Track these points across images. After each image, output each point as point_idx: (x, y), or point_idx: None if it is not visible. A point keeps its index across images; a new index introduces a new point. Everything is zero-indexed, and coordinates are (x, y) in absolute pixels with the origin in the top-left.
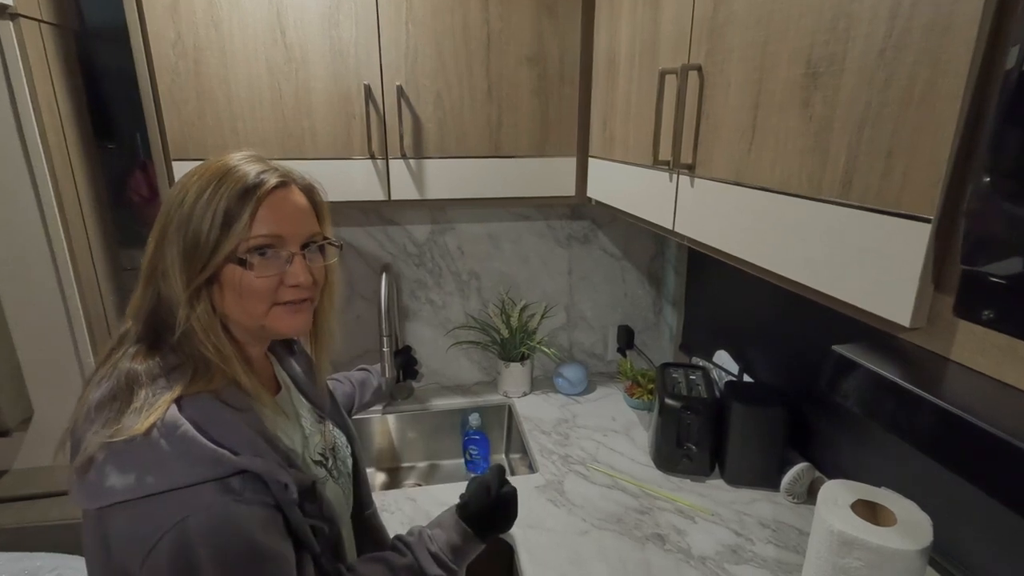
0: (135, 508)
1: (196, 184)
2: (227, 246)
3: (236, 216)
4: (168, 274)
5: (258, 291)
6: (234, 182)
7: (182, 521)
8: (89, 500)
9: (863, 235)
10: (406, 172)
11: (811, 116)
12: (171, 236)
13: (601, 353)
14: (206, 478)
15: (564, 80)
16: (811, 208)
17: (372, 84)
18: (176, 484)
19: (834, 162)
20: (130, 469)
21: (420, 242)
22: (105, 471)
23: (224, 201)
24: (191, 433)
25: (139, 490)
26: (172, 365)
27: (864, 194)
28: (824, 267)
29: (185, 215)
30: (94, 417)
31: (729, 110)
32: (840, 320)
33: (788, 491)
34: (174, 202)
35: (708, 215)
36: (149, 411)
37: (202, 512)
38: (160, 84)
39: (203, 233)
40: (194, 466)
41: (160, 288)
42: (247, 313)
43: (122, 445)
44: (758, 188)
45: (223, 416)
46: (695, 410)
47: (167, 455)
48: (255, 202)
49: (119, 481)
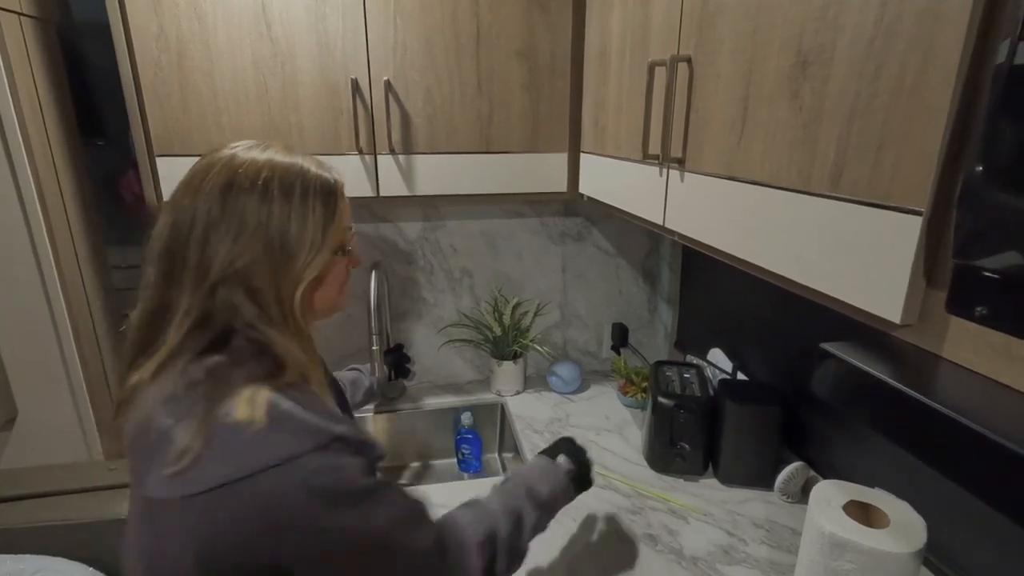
0: (244, 488)
1: (277, 186)
2: (332, 241)
3: (332, 215)
4: (253, 273)
5: (340, 277)
6: (319, 186)
7: (299, 488)
8: (190, 486)
9: (853, 229)
10: (395, 168)
11: (801, 107)
12: (257, 237)
13: (595, 351)
14: (310, 448)
15: (555, 74)
16: (801, 202)
17: (360, 78)
18: (284, 457)
19: (824, 154)
20: (235, 451)
21: (412, 239)
22: (207, 455)
23: (318, 202)
24: (294, 408)
25: (247, 469)
26: (253, 356)
27: (854, 186)
28: (814, 262)
29: (280, 218)
30: (176, 408)
31: (719, 102)
32: (835, 317)
33: (782, 490)
34: (252, 203)
35: (698, 210)
36: (247, 395)
37: (314, 475)
38: (143, 78)
39: (307, 235)
40: (299, 438)
41: (232, 288)
42: (331, 298)
43: (225, 428)
44: (748, 182)
45: (304, 398)
46: (688, 409)
47: (273, 431)
48: (338, 199)
49: (224, 463)
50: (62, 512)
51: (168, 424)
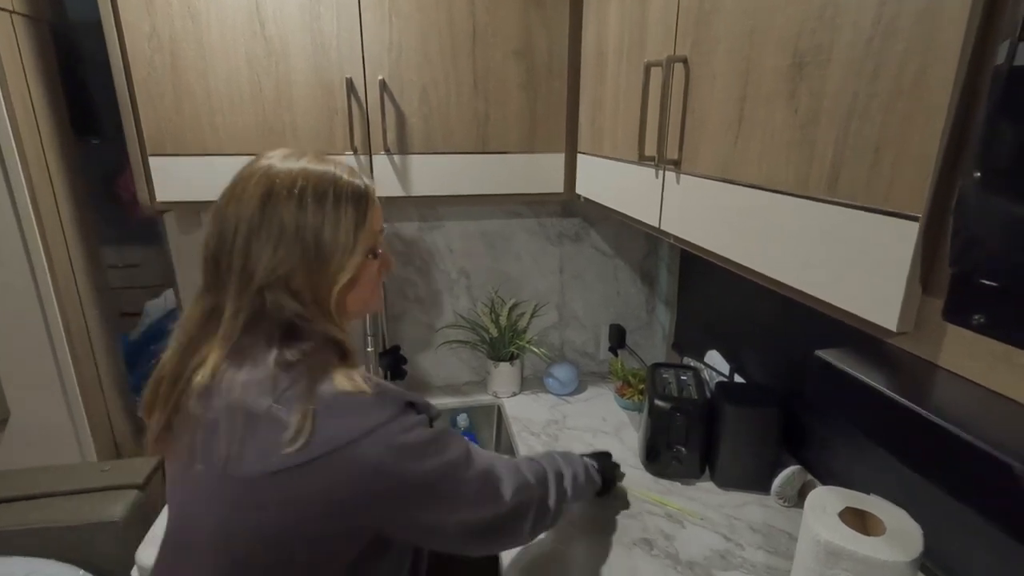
0: (346, 452)
1: (311, 194)
2: (364, 245)
3: (362, 219)
4: (293, 276)
5: (373, 278)
6: (350, 192)
7: (393, 446)
8: (298, 457)
9: (849, 234)
10: (390, 168)
11: (797, 108)
12: (295, 243)
13: (593, 352)
14: (395, 413)
15: (552, 74)
16: (797, 205)
17: (355, 78)
18: (384, 420)
19: (821, 157)
20: (343, 420)
21: (408, 240)
22: (317, 428)
23: (350, 207)
24: (384, 384)
25: (354, 433)
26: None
27: (851, 190)
28: (809, 268)
29: (315, 224)
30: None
31: (715, 103)
32: (832, 321)
33: (779, 494)
34: (289, 210)
35: (693, 212)
36: (343, 375)
37: (402, 434)
38: (136, 78)
39: (340, 239)
40: (389, 406)
41: (277, 291)
42: (364, 299)
43: (328, 403)
44: (744, 184)
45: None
46: (685, 411)
47: (370, 402)
48: (369, 204)
49: (335, 431)
50: (54, 514)
51: (266, 404)
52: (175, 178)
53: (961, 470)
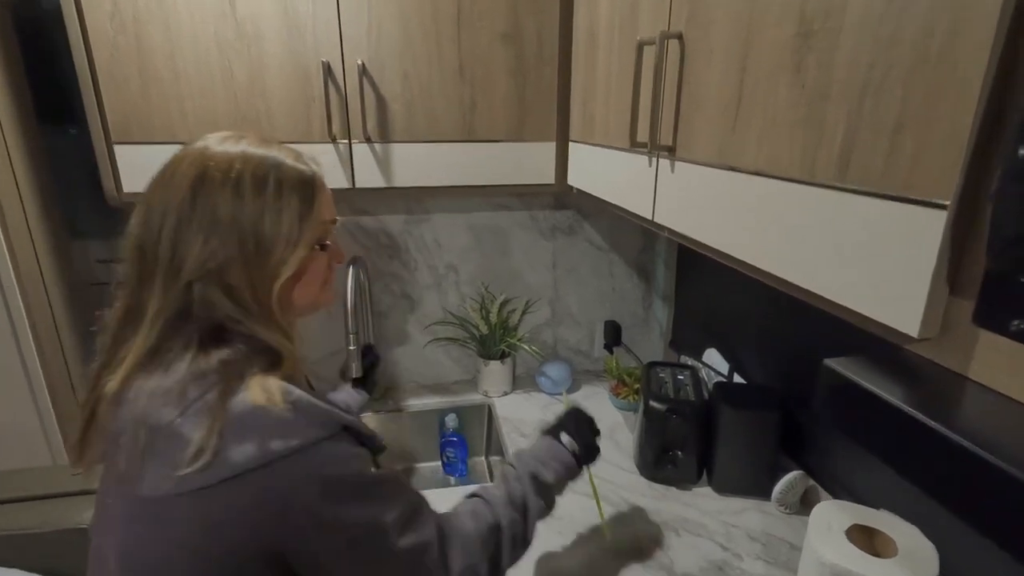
0: (258, 478)
1: (249, 180)
2: (310, 236)
3: (308, 208)
4: (227, 270)
5: (321, 273)
6: (294, 179)
7: (312, 477)
8: (202, 479)
9: (863, 225)
10: (371, 158)
11: (804, 84)
12: (230, 233)
13: (587, 350)
14: (322, 436)
15: (542, 59)
16: (802, 193)
17: (332, 62)
18: (302, 444)
19: (830, 138)
20: (252, 440)
21: (394, 233)
22: (223, 447)
23: (294, 196)
24: (306, 399)
25: (263, 458)
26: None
27: (865, 176)
28: (816, 263)
29: (253, 213)
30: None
31: (712, 81)
32: (841, 320)
33: (780, 501)
34: (224, 198)
35: (689, 203)
36: (258, 385)
37: (328, 465)
38: (98, 60)
39: (282, 230)
40: (312, 427)
41: (208, 286)
42: (312, 294)
43: (244, 415)
44: (743, 171)
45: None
46: (681, 413)
47: (288, 420)
48: (315, 192)
49: (241, 453)
50: (20, 520)
51: (171, 417)
52: (143, 168)
53: (1000, 507)
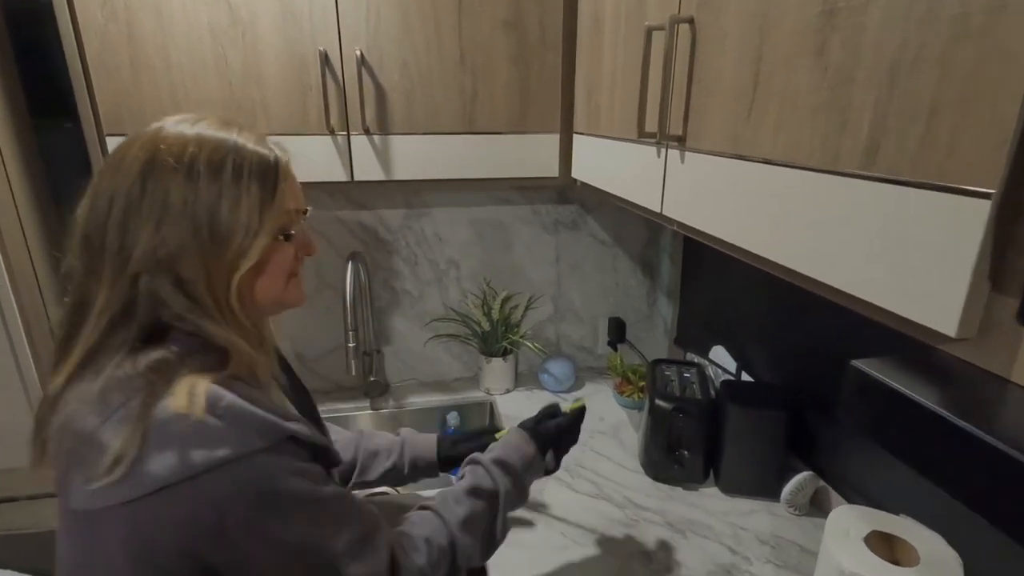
0: (185, 490)
1: (204, 163)
2: (270, 226)
3: (270, 196)
4: (180, 260)
5: (285, 265)
6: (252, 163)
7: (245, 493)
8: (118, 495)
9: (893, 216)
10: (370, 150)
11: (827, 66)
12: (183, 221)
13: (591, 347)
14: (258, 447)
15: (546, 46)
16: (823, 183)
17: (329, 50)
18: (229, 457)
19: (856, 124)
20: (172, 451)
21: (394, 228)
22: (143, 457)
23: (254, 182)
24: (238, 403)
25: (187, 471)
26: (195, 348)
27: (896, 163)
28: (841, 258)
29: (208, 200)
30: (103, 409)
31: (725, 68)
32: (847, 313)
33: (789, 502)
34: (176, 183)
35: (700, 195)
36: (185, 390)
37: (264, 480)
38: (88, 49)
39: (240, 218)
40: (245, 436)
41: (157, 278)
42: (277, 289)
43: (158, 429)
44: (759, 160)
45: (255, 392)
46: (688, 412)
47: (214, 429)
48: (278, 178)
49: (162, 465)
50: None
51: (94, 425)
52: None
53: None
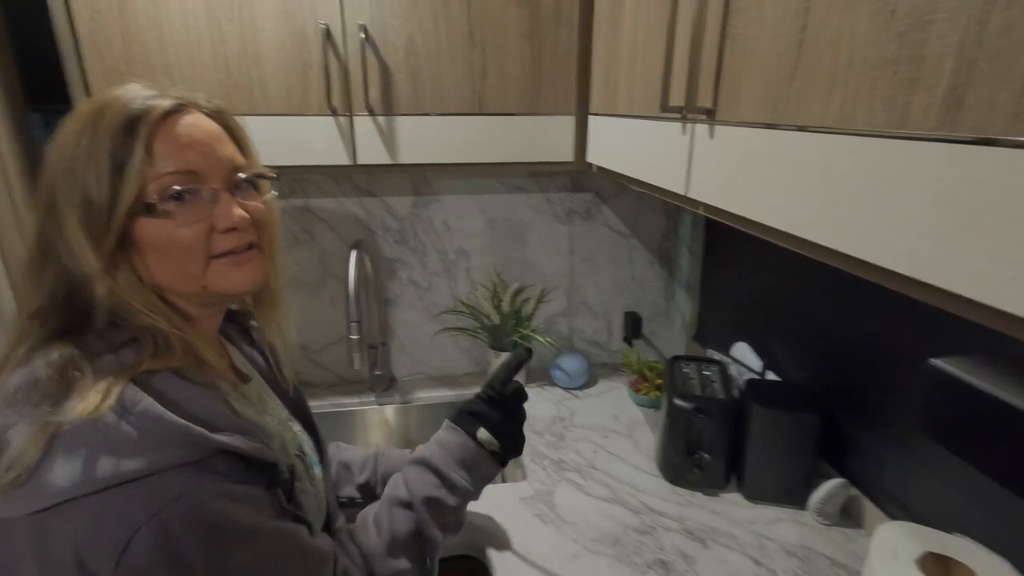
0: (90, 505)
1: (72, 129)
2: (127, 195)
3: (128, 156)
4: (70, 245)
5: (185, 244)
6: (114, 115)
7: (157, 514)
8: (22, 504)
9: (980, 185)
10: (374, 131)
11: (893, 11)
12: (60, 199)
13: (605, 342)
14: (178, 461)
15: (560, 21)
16: (888, 150)
17: (331, 25)
18: (141, 472)
19: (931, 78)
20: (78, 460)
21: (401, 216)
22: (44, 466)
23: (107, 140)
24: (155, 409)
25: (91, 483)
26: (120, 341)
27: (986, 121)
28: (910, 239)
29: (66, 169)
30: (13, 408)
31: (766, 24)
32: (890, 305)
33: (818, 511)
34: (52, 159)
35: (732, 173)
36: (99, 390)
37: (181, 501)
38: (78, 23)
39: (91, 185)
40: (162, 448)
41: (66, 267)
42: (180, 275)
43: (66, 435)
44: (805, 129)
45: (190, 392)
46: (708, 413)
47: (126, 438)
48: (147, 132)
49: (65, 475)
50: None
51: (4, 423)
52: None
53: None
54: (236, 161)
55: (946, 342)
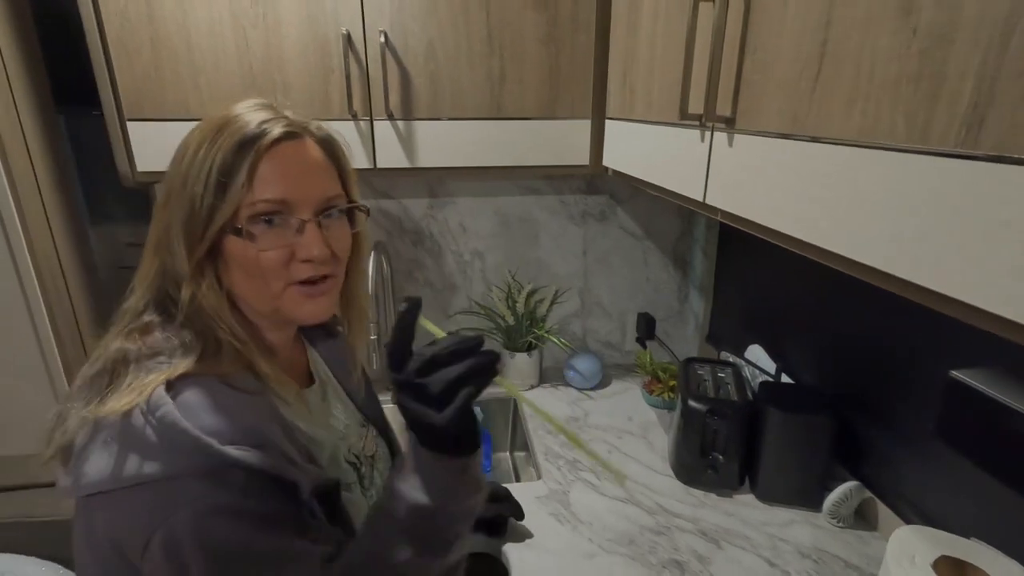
0: (118, 500)
1: (195, 138)
2: (224, 212)
3: (232, 175)
4: (171, 245)
5: (266, 267)
6: (231, 134)
7: (167, 520)
8: (70, 489)
9: (1001, 201)
10: (393, 136)
11: (915, 28)
12: (173, 200)
13: (618, 343)
14: (192, 469)
15: (578, 26)
16: (909, 164)
17: (352, 31)
18: (157, 476)
19: (952, 94)
20: (108, 456)
21: (417, 218)
22: (83, 456)
23: (220, 156)
24: (171, 417)
25: (116, 481)
26: (180, 342)
27: (1007, 140)
28: (928, 251)
29: (183, 174)
30: (78, 395)
31: (786, 38)
32: (904, 310)
33: (832, 513)
34: (175, 159)
35: (751, 181)
36: (135, 389)
37: (188, 511)
38: (108, 30)
39: (197, 197)
40: (176, 455)
41: (165, 260)
42: (258, 293)
43: (103, 427)
44: (824, 141)
45: (224, 401)
46: (722, 415)
47: (148, 441)
48: (254, 157)
49: (96, 469)
50: (33, 507)
51: (70, 405)
52: (157, 146)
53: None
54: (331, 192)
55: (961, 349)
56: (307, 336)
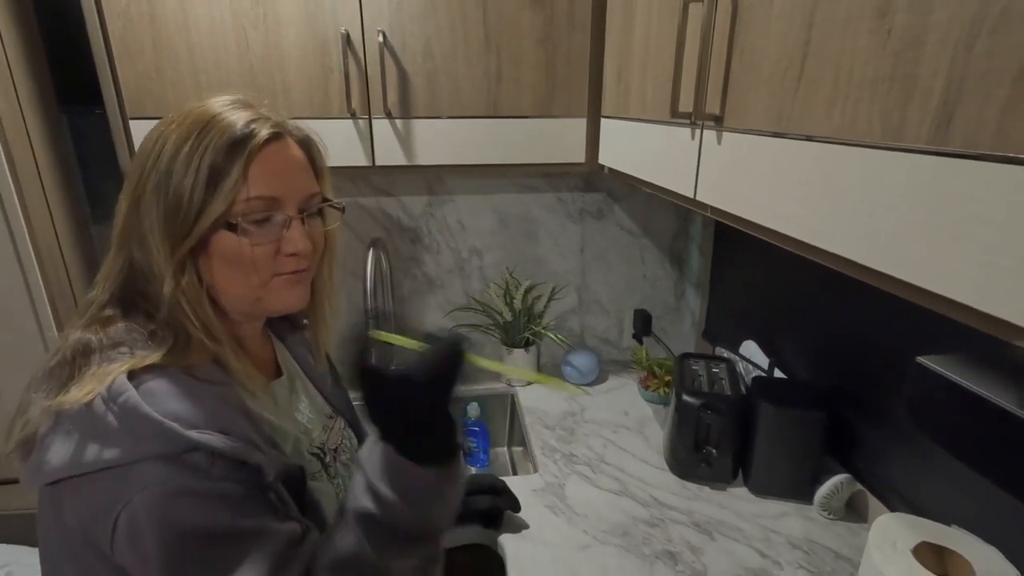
0: (82, 485)
1: (176, 133)
2: (215, 209)
3: (224, 174)
4: (146, 240)
5: (254, 261)
6: (220, 132)
7: (129, 503)
8: (32, 477)
9: (969, 196)
10: (392, 134)
11: (890, 30)
12: (148, 196)
13: (615, 339)
14: (152, 453)
15: (574, 26)
16: (885, 161)
17: (351, 31)
18: (119, 460)
19: (924, 93)
20: (70, 443)
21: (416, 215)
22: (45, 445)
23: (209, 155)
24: (133, 401)
25: (77, 466)
26: (147, 333)
27: (973, 136)
28: (903, 244)
29: (164, 171)
30: (38, 387)
31: (772, 38)
32: (893, 305)
33: (823, 506)
34: (150, 155)
35: (738, 178)
36: (97, 378)
37: (149, 492)
38: (111, 30)
39: (185, 193)
40: (139, 440)
41: (134, 255)
42: (241, 286)
43: (64, 416)
44: (807, 138)
45: (187, 388)
46: (716, 409)
47: (109, 427)
48: (246, 158)
49: (58, 456)
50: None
51: (33, 396)
52: None
53: None
54: (310, 190)
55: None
56: (274, 330)
